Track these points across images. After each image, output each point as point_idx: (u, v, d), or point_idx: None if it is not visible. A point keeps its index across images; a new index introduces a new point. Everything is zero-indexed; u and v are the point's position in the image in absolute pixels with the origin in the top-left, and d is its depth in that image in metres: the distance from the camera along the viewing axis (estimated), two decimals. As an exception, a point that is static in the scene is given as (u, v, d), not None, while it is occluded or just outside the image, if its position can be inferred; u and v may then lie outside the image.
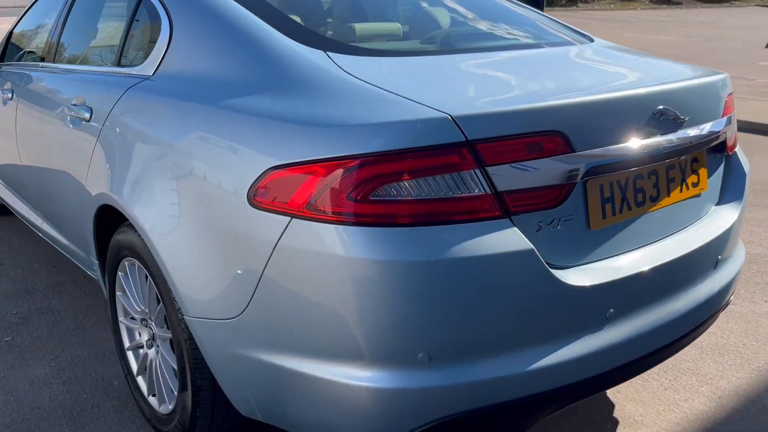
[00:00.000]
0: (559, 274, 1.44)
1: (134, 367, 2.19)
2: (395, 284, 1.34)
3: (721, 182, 1.91)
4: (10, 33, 3.34)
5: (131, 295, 2.09)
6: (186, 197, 1.63)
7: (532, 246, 1.38)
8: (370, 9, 2.23)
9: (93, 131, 2.07)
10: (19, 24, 3.29)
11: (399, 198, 1.34)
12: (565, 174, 1.43)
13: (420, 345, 1.37)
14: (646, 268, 1.57)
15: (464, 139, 1.34)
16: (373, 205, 1.34)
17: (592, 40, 2.18)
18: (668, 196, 1.69)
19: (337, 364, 1.44)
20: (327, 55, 1.65)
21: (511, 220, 1.39)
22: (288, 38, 1.71)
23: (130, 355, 2.21)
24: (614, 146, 1.50)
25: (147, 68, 1.99)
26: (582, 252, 1.52)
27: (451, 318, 1.37)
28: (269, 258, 1.46)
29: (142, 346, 2.16)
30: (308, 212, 1.39)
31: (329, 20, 2.09)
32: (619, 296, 1.54)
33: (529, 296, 1.41)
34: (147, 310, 2.02)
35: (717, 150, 1.88)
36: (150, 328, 2.04)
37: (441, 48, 1.92)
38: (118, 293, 2.18)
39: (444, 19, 2.20)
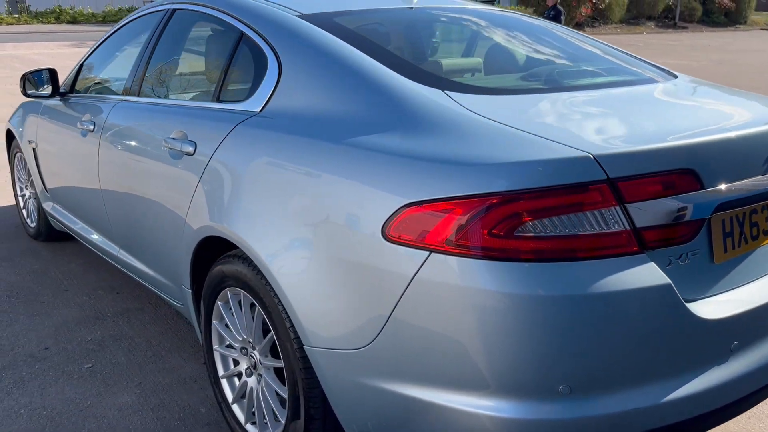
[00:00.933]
0: (690, 307, 1.48)
1: (229, 395, 2.22)
2: (540, 318, 1.38)
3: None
4: (81, 65, 3.43)
5: (231, 324, 2.14)
6: (312, 231, 1.68)
7: (670, 280, 1.43)
8: (456, 47, 2.29)
9: (197, 165, 2.13)
10: (91, 56, 3.38)
11: (541, 234, 1.39)
12: (698, 210, 1.48)
13: (562, 377, 1.41)
14: (765, 300, 1.61)
15: (605, 177, 1.39)
16: (515, 241, 1.39)
17: (676, 76, 2.24)
18: (776, 229, 1.73)
19: (472, 395, 1.47)
20: (446, 93, 1.71)
21: (648, 256, 1.43)
22: (403, 77, 1.78)
23: (224, 383, 2.25)
24: (739, 182, 1.55)
25: (253, 104, 2.05)
26: (706, 285, 1.56)
27: (592, 351, 1.41)
28: (405, 290, 1.50)
29: (239, 375, 2.20)
30: (448, 247, 1.44)
31: (425, 58, 2.15)
32: (742, 328, 1.57)
33: (664, 329, 1.45)
34: (250, 339, 2.06)
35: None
36: (251, 356, 2.08)
37: (549, 86, 1.98)
38: (214, 322, 2.22)
39: (529, 55, 2.27)
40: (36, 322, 3.16)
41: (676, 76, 2.24)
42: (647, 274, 1.42)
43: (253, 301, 1.96)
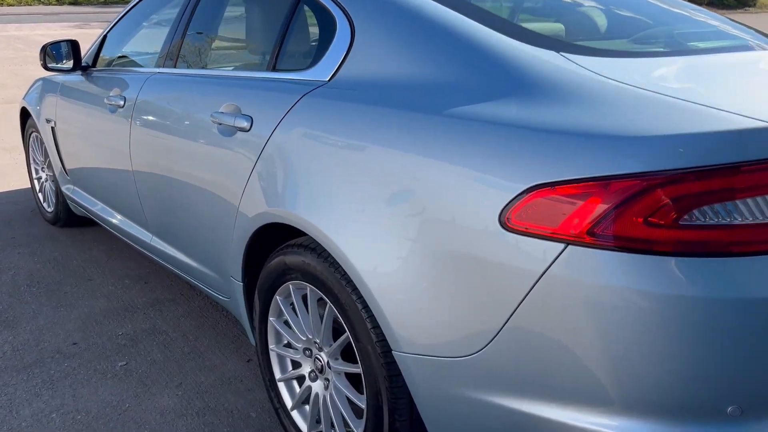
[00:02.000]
0: None
1: (288, 400, 1.99)
2: (707, 324, 1.13)
3: None
4: (104, 36, 3.16)
5: (293, 321, 1.90)
6: (407, 220, 1.42)
7: None
8: (551, 7, 2.03)
9: (254, 143, 1.87)
10: (115, 27, 3.12)
11: (709, 223, 1.14)
12: None
13: (732, 396, 1.17)
14: None
15: (792, 153, 1.14)
16: (682, 231, 1.14)
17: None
18: None
19: (612, 414, 1.23)
20: (563, 55, 1.46)
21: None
22: (508, 37, 1.52)
23: (282, 387, 2.01)
24: None
25: (320, 73, 1.79)
26: None
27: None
28: (531, 289, 1.26)
29: (300, 378, 1.96)
30: (590, 238, 1.19)
31: (522, 19, 1.89)
32: None
33: None
34: (316, 340, 1.82)
35: None
36: (318, 359, 1.84)
37: (672, 48, 1.72)
38: (271, 318, 1.98)
39: (633, 16, 2.00)
40: (61, 314, 2.93)
41: None
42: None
43: (323, 297, 1.72)
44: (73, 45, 3.09)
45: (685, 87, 1.34)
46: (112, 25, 3.13)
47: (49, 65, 3.12)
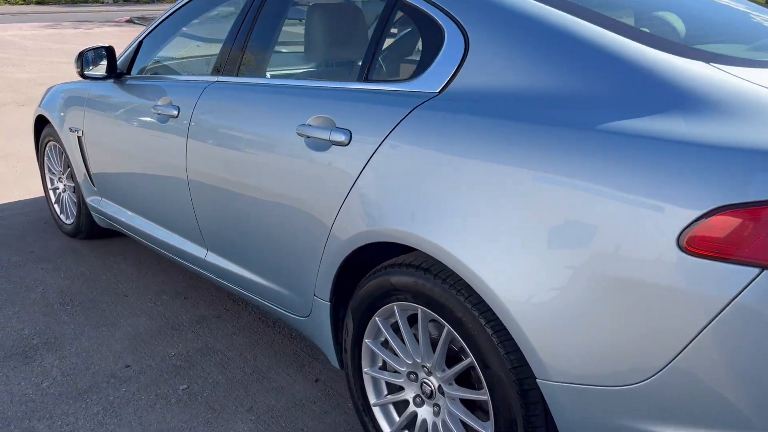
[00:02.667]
0: None
1: (385, 426, 1.90)
2: None
3: None
4: (140, 42, 3.02)
5: (397, 344, 1.81)
6: (566, 244, 1.35)
7: None
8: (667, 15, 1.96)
9: (355, 157, 1.78)
10: (152, 33, 2.98)
11: None
12: None
13: None
14: None
15: None
16: None
17: None
18: None
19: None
20: (713, 66, 1.39)
21: None
22: (647, 47, 1.45)
23: (377, 412, 1.92)
24: None
25: (427, 84, 1.71)
26: None
27: None
28: (715, 317, 1.19)
29: (402, 403, 1.87)
30: (790, 263, 1.13)
31: (653, 27, 1.82)
32: None
33: None
34: (426, 364, 1.74)
35: None
36: (426, 383, 1.76)
37: None
38: (366, 340, 1.89)
39: (742, 23, 1.95)
40: (104, 334, 2.79)
41: None
42: None
43: (439, 319, 1.64)
44: (109, 51, 2.94)
45: None
46: (148, 30, 2.99)
47: (86, 73, 2.97)
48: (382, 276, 1.76)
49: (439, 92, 1.67)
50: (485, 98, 1.57)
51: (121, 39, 16.31)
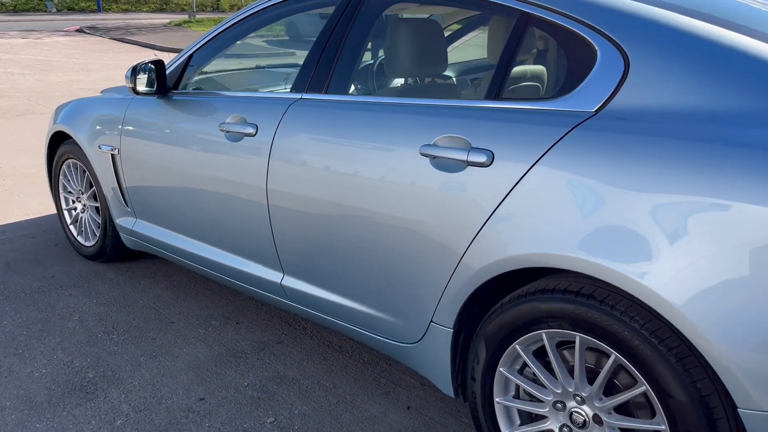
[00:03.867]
0: None
1: (519, 454, 1.84)
2: None
3: None
4: (190, 55, 2.88)
5: (541, 372, 1.74)
6: (757, 261, 1.32)
7: None
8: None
9: (499, 179, 1.71)
10: (206, 46, 2.84)
11: None
12: None
13: None
14: None
15: None
16: None
17: None
18: None
19: None
20: None
21: None
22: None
23: (511, 441, 1.85)
24: None
25: (579, 103, 1.66)
26: None
27: None
28: None
29: (545, 433, 1.81)
30: None
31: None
32: None
33: None
34: (581, 393, 1.68)
35: None
36: (578, 413, 1.70)
37: None
38: (501, 369, 1.82)
39: None
40: (163, 365, 2.63)
41: None
42: None
43: (603, 347, 1.58)
44: (158, 66, 2.79)
45: None
46: (200, 43, 2.85)
47: (140, 89, 2.80)
48: (528, 302, 1.70)
49: (596, 111, 1.63)
50: (651, 118, 1.54)
51: (76, 49, 15.77)
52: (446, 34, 2.08)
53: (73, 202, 3.74)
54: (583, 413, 1.70)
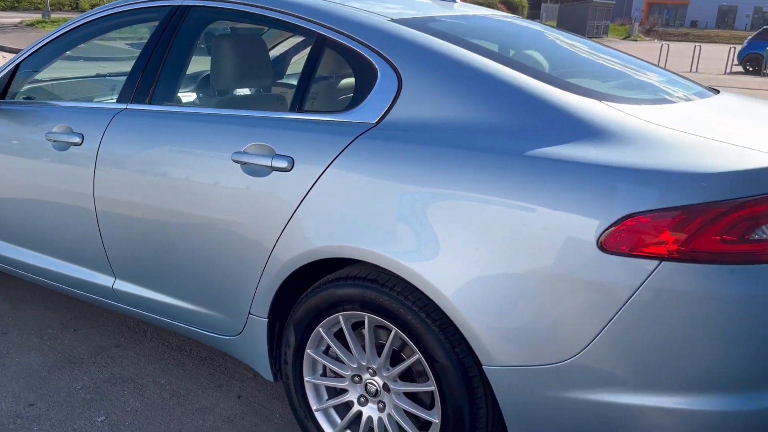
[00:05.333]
0: None
1: (328, 429, 2.07)
2: (768, 315, 1.50)
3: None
4: (17, 65, 2.89)
5: (341, 351, 1.99)
6: (505, 250, 1.63)
7: None
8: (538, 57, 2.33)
9: (297, 182, 1.93)
10: (35, 55, 2.86)
11: (765, 237, 1.51)
12: None
13: (781, 368, 1.55)
14: None
15: (807, 181, 1.55)
16: (746, 245, 1.50)
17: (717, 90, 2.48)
18: None
19: (696, 394, 1.55)
20: (606, 104, 1.77)
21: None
22: (553, 87, 1.80)
23: (319, 416, 2.08)
24: None
25: (364, 115, 1.92)
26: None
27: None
28: (627, 301, 1.53)
29: (345, 405, 2.05)
30: (679, 254, 1.50)
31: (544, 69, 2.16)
32: None
33: None
34: (371, 366, 1.94)
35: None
36: (371, 383, 1.96)
37: (661, 96, 2.10)
38: (308, 350, 2.04)
39: (611, 67, 2.39)
40: (-7, 375, 2.63)
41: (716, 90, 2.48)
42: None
43: (386, 324, 1.85)
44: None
45: (710, 130, 1.72)
46: (27, 53, 2.87)
47: (-39, 98, 2.76)
48: (327, 289, 1.94)
49: (377, 123, 1.89)
50: (418, 128, 1.82)
51: None
52: (279, 50, 2.29)
53: None
54: (375, 383, 1.95)
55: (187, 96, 2.39)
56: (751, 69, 20.63)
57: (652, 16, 52.41)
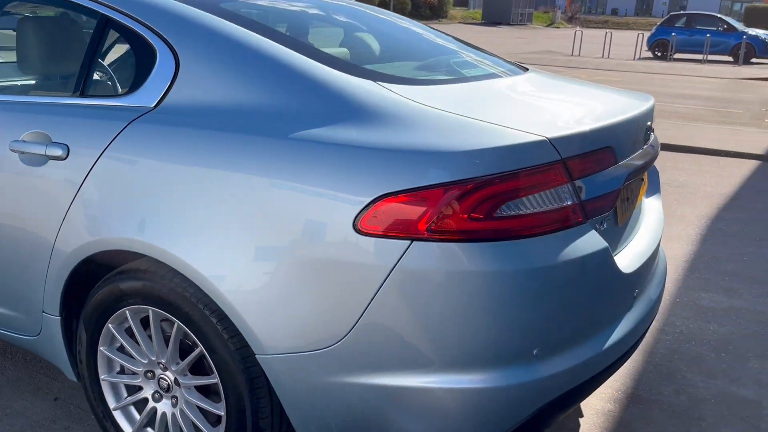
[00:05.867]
0: (617, 264, 1.73)
1: (127, 428, 1.98)
2: (520, 290, 1.50)
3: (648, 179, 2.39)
4: None
5: (132, 346, 1.90)
6: (266, 234, 1.58)
7: (607, 244, 1.66)
8: (335, 37, 2.29)
9: (73, 172, 1.83)
10: None
11: (512, 214, 1.51)
12: (618, 181, 1.73)
13: (536, 341, 1.56)
14: (646, 251, 1.95)
15: (559, 157, 1.56)
16: (493, 222, 1.49)
17: (527, 68, 2.51)
18: (639, 193, 2.09)
19: (459, 372, 1.54)
20: (380, 84, 1.73)
21: (589, 225, 1.64)
22: (330, 68, 1.75)
23: (118, 415, 1.99)
24: (634, 155, 1.84)
25: (143, 99, 1.83)
26: (615, 245, 1.84)
27: (559, 313, 1.57)
28: (383, 281, 1.51)
29: (142, 402, 1.97)
30: (429, 234, 1.48)
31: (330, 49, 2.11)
32: (640, 276, 1.88)
33: (606, 286, 1.68)
34: (161, 361, 1.86)
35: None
36: (163, 378, 1.88)
37: (455, 76, 2.08)
38: (101, 348, 1.95)
39: (412, 45, 2.36)
40: None
41: (527, 68, 2.51)
42: (592, 240, 1.62)
43: (169, 317, 1.78)
44: None
45: (481, 109, 1.71)
46: None
47: None
48: (111, 284, 1.85)
49: (155, 106, 1.81)
50: (195, 111, 1.75)
51: None
52: (68, 33, 2.16)
53: None
54: (167, 378, 1.88)
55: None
56: (659, 54, 21.41)
57: (574, 4, 53.74)
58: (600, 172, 1.67)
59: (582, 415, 2.39)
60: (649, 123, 1.98)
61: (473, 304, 1.50)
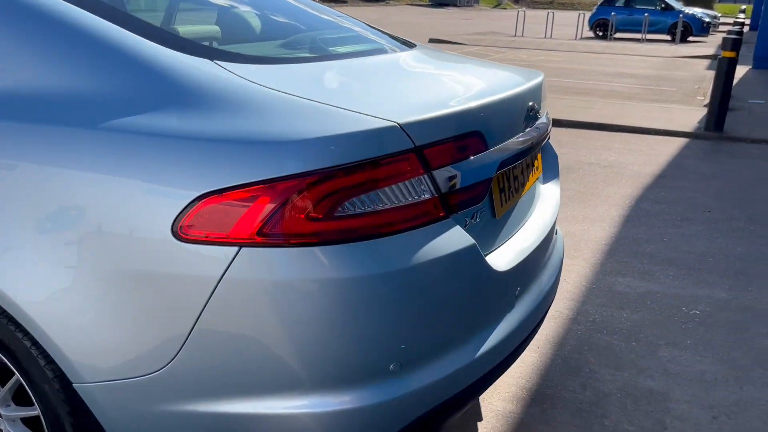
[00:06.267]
0: (488, 262, 1.55)
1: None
2: (369, 298, 1.31)
3: (543, 164, 2.22)
4: None
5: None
6: (73, 243, 1.33)
7: (474, 240, 1.47)
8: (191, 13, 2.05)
9: None
10: None
11: (359, 211, 1.31)
12: (487, 170, 1.54)
13: (392, 355, 1.37)
14: (531, 245, 1.78)
15: (413, 145, 1.36)
16: (335, 222, 1.29)
17: (413, 45, 2.30)
18: (527, 180, 1.92)
19: (301, 396, 1.34)
20: (217, 63, 1.50)
21: (453, 220, 1.45)
22: (158, 45, 1.50)
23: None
24: (511, 140, 1.66)
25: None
26: (492, 240, 1.66)
27: (421, 322, 1.39)
28: (210, 295, 1.30)
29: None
30: (260, 238, 1.27)
31: (167, 23, 1.87)
32: (522, 274, 1.71)
33: (476, 287, 1.49)
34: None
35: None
36: (-17, 410, 1.63)
37: (318, 54, 1.85)
38: None
39: (277, 21, 2.13)
40: None
41: (414, 45, 2.31)
42: (456, 237, 1.44)
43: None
44: None
45: (330, 91, 1.49)
46: None
47: None
48: None
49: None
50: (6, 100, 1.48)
51: None
52: None
53: None
54: (-11, 410, 1.63)
55: None
56: (600, 34, 21.57)
57: (519, -15, 53.85)
58: (465, 161, 1.48)
59: (481, 418, 2.23)
60: (531, 103, 1.80)
61: (314, 318, 1.30)
